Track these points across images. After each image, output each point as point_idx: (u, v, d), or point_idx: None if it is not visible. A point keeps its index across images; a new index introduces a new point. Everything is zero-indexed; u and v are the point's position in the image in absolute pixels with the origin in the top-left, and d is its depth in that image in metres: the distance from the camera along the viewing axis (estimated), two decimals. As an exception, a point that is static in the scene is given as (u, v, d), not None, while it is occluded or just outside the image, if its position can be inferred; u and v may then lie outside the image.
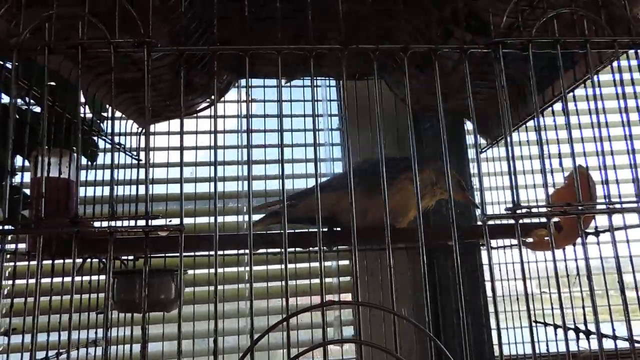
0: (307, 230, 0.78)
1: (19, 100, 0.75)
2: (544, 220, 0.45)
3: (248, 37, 0.47)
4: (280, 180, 0.46)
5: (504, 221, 0.88)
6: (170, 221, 1.00)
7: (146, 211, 0.41)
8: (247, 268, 1.03)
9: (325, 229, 0.74)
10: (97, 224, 0.51)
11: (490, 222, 0.45)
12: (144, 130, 0.97)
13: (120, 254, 0.79)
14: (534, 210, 0.44)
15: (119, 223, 0.42)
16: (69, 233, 0.44)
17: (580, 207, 0.43)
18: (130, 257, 0.91)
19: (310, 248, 0.81)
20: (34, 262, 0.69)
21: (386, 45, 0.45)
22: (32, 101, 0.71)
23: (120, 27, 0.45)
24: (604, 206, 0.46)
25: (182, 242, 0.41)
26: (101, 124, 0.91)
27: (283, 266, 0.99)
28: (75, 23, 0.46)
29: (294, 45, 0.45)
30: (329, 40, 0.50)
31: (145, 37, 0.44)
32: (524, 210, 0.43)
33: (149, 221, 0.40)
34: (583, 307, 0.73)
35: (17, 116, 0.76)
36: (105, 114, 0.94)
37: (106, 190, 0.85)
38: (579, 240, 0.75)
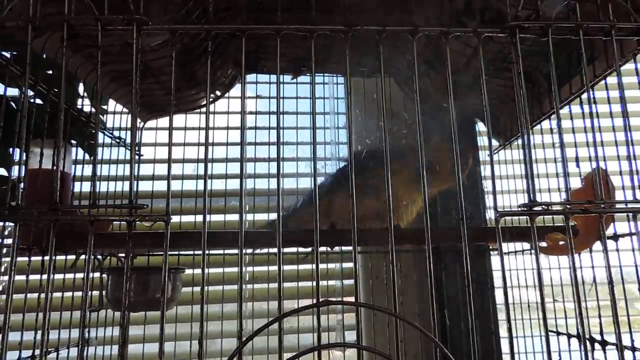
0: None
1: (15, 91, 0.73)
2: (559, 224, 0.41)
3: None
4: (277, 179, 0.44)
5: (518, 223, 0.85)
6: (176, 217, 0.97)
7: (130, 199, 0.37)
8: (249, 268, 1.01)
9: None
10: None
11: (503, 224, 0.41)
12: (144, 125, 0.94)
13: (110, 248, 0.76)
14: (551, 208, 0.40)
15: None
16: (59, 224, 0.40)
17: (602, 206, 0.39)
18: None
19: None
20: (34, 258, 0.67)
21: (393, 27, 0.42)
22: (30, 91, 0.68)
23: (118, 12, 0.43)
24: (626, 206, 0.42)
25: (168, 232, 0.38)
26: (101, 117, 0.89)
27: (284, 267, 0.96)
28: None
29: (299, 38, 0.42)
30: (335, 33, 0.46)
31: (136, 15, 0.41)
32: (540, 208, 0.39)
33: (133, 210, 0.37)
34: (599, 317, 0.69)
35: (15, 106, 0.73)
36: (105, 107, 0.92)
37: (103, 185, 0.82)
38: (594, 246, 0.72)
